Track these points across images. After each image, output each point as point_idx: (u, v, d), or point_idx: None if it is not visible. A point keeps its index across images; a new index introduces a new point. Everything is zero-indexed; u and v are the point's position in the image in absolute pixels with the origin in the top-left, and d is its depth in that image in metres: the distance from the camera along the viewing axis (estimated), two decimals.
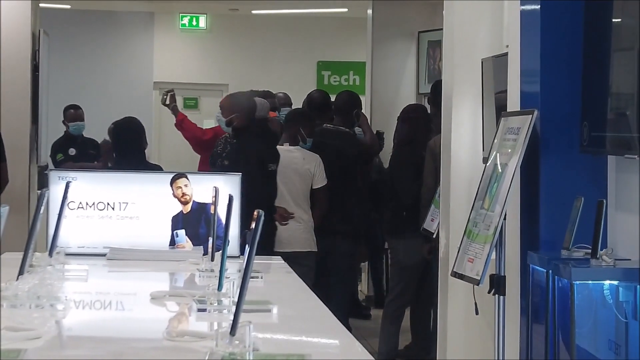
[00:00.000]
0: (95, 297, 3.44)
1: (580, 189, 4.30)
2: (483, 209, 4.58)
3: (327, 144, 6.75)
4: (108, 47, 13.19)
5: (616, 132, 4.09)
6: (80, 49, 12.94)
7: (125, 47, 13.34)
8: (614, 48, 4.13)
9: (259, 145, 6.20)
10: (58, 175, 4.27)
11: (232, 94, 6.93)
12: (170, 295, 3.17)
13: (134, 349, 2.51)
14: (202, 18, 13.60)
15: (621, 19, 4.11)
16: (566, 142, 4.46)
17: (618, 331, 4.06)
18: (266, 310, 2.87)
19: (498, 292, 4.47)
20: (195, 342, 2.43)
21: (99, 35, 13.11)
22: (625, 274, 3.93)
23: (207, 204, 4.23)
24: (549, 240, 4.39)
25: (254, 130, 6.26)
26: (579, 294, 3.96)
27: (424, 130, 6.79)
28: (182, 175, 4.35)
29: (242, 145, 6.14)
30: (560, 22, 4.49)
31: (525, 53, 4.70)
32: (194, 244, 4.30)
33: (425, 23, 9.82)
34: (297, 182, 6.38)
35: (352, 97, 7.37)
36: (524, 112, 4.56)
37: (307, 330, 2.75)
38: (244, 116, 6.23)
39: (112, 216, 4.32)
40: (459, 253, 4.69)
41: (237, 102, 6.41)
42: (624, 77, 4.05)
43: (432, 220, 6.37)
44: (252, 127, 6.25)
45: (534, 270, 4.35)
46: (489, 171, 4.68)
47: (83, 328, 2.84)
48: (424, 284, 6.75)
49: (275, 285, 3.62)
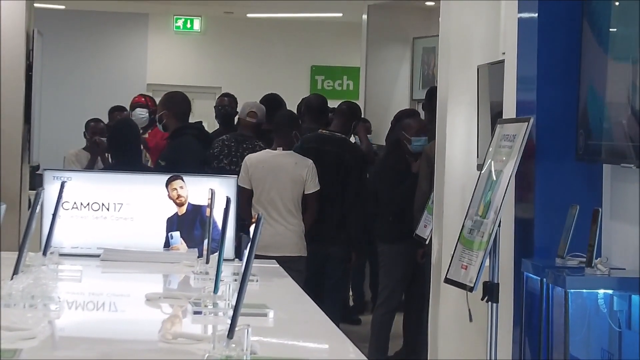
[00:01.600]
0: (89, 298, 3.42)
1: (575, 197, 4.29)
2: (477, 216, 4.57)
3: (325, 150, 6.74)
4: (102, 48, 13.17)
5: (612, 140, 4.09)
6: (74, 50, 12.92)
7: (119, 48, 13.32)
8: (611, 57, 4.13)
9: (194, 146, 6.31)
10: (53, 175, 4.25)
11: (170, 92, 6.95)
12: (165, 297, 3.15)
13: (129, 351, 2.50)
14: (197, 20, 13.60)
15: (618, 28, 4.11)
16: (562, 150, 4.45)
17: (612, 340, 4.06)
18: (262, 314, 2.86)
19: (491, 299, 4.46)
20: (191, 344, 2.41)
21: (93, 36, 13.09)
22: (619, 283, 3.93)
23: (202, 206, 4.22)
24: (544, 248, 4.39)
25: (189, 131, 6.39)
26: (573, 302, 3.95)
27: None
28: (177, 177, 4.34)
29: (177, 146, 6.33)
30: (558, 30, 4.49)
31: (522, 61, 4.69)
32: (188, 246, 4.28)
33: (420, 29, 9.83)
34: (289, 187, 6.36)
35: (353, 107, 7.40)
36: (519, 120, 4.56)
37: (303, 334, 2.74)
38: (172, 115, 6.39)
39: (106, 217, 4.30)
40: (453, 259, 4.68)
41: (169, 100, 6.57)
42: (620, 86, 4.05)
43: (425, 226, 6.37)
44: (185, 128, 6.39)
45: (527, 277, 4.34)
46: (483, 178, 4.67)
47: (77, 329, 2.82)
48: (415, 290, 6.74)
49: (271, 288, 3.61)
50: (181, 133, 6.39)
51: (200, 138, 6.50)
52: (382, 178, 6.89)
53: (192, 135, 6.41)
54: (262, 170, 6.34)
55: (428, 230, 6.28)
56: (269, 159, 6.39)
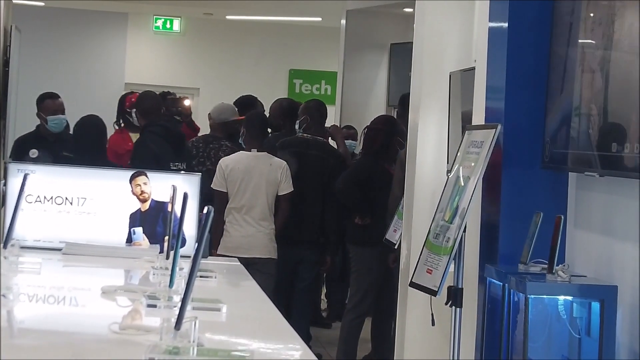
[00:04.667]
0: (47, 290, 3.41)
1: (540, 205, 4.32)
2: (443, 221, 4.59)
3: (310, 154, 6.76)
4: (80, 46, 13.14)
5: (577, 149, 4.12)
6: (52, 47, 12.89)
7: (97, 46, 13.29)
8: (579, 68, 4.16)
9: (149, 143, 6.32)
10: (17, 168, 4.24)
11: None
12: (121, 290, 3.15)
13: (77, 341, 2.50)
14: (177, 21, 13.58)
15: (587, 39, 4.14)
16: (528, 157, 4.48)
17: (571, 347, 4.08)
18: (215, 309, 2.86)
19: (455, 304, 4.47)
20: (140, 335, 2.41)
21: (71, 34, 13.06)
22: (580, 290, 3.95)
23: (165, 203, 4.22)
24: (508, 254, 4.41)
25: (152, 129, 6.41)
26: (533, 308, 3.97)
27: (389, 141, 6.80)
28: (141, 173, 4.34)
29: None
30: (527, 40, 4.52)
31: (492, 69, 4.72)
32: (151, 242, 4.28)
33: (397, 35, 9.85)
34: (264, 188, 6.37)
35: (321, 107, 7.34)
36: (487, 126, 4.58)
37: (253, 331, 2.75)
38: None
39: (70, 211, 4.29)
40: (418, 264, 4.70)
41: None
42: (587, 96, 4.08)
43: (395, 231, 6.38)
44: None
45: (490, 283, 4.36)
46: (451, 183, 4.69)
47: (29, 320, 2.82)
48: (385, 295, 6.75)
49: (229, 286, 3.61)
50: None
51: (165, 135, 6.44)
52: (341, 183, 6.84)
53: (153, 132, 6.39)
54: (238, 172, 6.35)
55: (397, 234, 6.29)
56: (244, 160, 6.40)
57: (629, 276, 3.79)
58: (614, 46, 3.84)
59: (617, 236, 3.96)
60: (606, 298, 3.79)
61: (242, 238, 6.31)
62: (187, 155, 6.56)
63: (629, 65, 3.67)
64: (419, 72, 5.81)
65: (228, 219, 6.35)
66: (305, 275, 6.84)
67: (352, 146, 8.62)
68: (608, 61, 3.88)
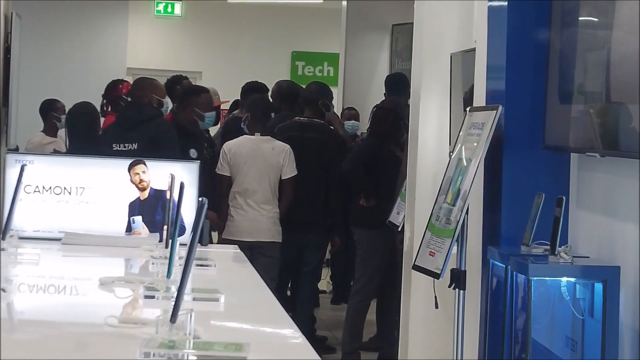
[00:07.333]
0: (46, 280, 3.40)
1: (541, 186, 4.29)
2: (446, 203, 4.57)
3: (309, 137, 6.74)
4: (82, 31, 13.10)
5: (579, 129, 4.10)
6: (53, 33, 12.85)
7: (99, 32, 13.25)
8: (580, 47, 4.12)
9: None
10: (15, 159, 4.23)
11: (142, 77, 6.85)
12: (119, 280, 3.14)
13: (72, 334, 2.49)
14: (178, 5, 13.54)
15: (588, 17, 4.10)
16: (529, 138, 4.45)
17: (574, 328, 4.07)
18: (214, 299, 2.85)
19: (458, 287, 4.47)
20: (136, 328, 2.40)
21: (73, 19, 13.02)
22: (582, 272, 3.93)
23: (164, 191, 4.20)
24: (510, 236, 4.39)
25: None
26: (536, 290, 3.96)
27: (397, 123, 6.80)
28: (140, 162, 4.32)
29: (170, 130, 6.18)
30: (527, 19, 4.48)
31: (492, 49, 4.69)
32: (150, 231, 4.27)
33: (399, 16, 9.80)
34: (267, 172, 6.36)
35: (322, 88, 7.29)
36: (488, 108, 4.55)
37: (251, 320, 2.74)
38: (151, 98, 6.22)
39: (68, 201, 4.28)
40: (421, 246, 4.68)
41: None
42: (588, 76, 4.05)
43: (398, 213, 6.37)
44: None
45: (493, 265, 4.35)
46: (452, 165, 4.67)
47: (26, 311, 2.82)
48: (390, 277, 6.74)
49: (227, 274, 3.60)
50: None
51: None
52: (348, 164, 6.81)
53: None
54: (241, 157, 6.33)
55: (400, 217, 6.27)
56: (247, 144, 6.38)
57: (631, 256, 3.77)
58: (615, 25, 3.80)
59: (619, 217, 3.94)
60: (609, 279, 3.77)
61: (246, 222, 6.30)
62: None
63: (630, 45, 3.63)
64: (419, 53, 5.77)
65: (232, 203, 6.34)
66: (310, 258, 6.84)
67: (355, 127, 8.60)
68: (609, 40, 3.84)
